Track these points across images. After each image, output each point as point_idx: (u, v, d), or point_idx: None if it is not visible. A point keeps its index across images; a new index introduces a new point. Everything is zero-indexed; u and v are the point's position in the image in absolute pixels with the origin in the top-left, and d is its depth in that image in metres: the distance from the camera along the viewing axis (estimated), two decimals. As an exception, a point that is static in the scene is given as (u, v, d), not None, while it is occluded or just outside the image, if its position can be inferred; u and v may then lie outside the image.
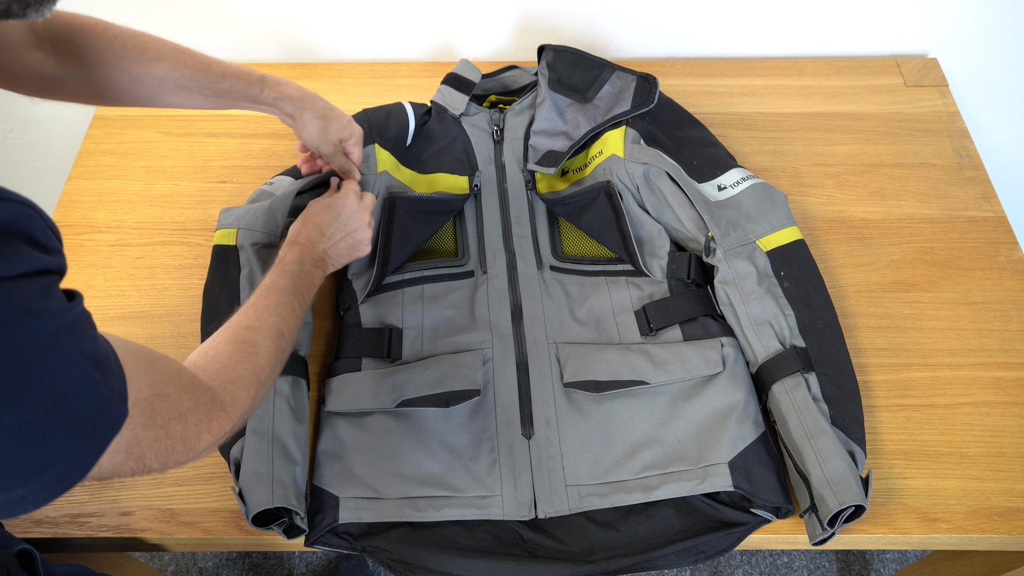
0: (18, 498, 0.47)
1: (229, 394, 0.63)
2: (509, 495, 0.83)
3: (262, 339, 0.70)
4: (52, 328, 0.46)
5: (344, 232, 0.87)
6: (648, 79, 1.05)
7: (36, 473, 0.46)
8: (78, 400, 0.47)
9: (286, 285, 0.78)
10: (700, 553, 0.82)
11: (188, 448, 0.57)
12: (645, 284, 0.97)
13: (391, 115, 1.07)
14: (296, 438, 0.84)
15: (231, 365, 0.65)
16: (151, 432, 0.54)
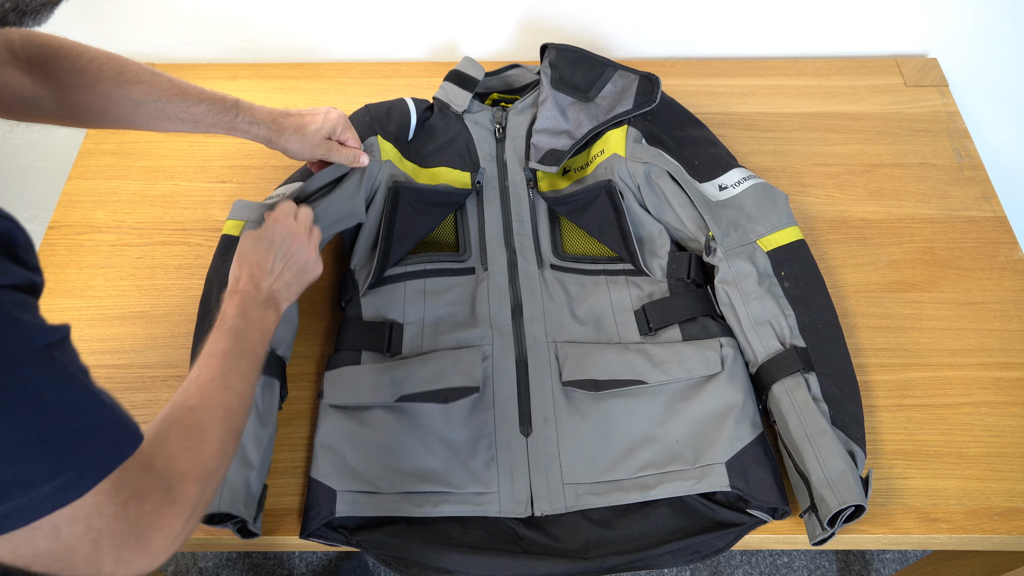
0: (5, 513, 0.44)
1: (180, 488, 0.55)
2: (506, 492, 0.83)
3: (209, 421, 0.62)
4: (42, 342, 0.45)
5: (285, 260, 0.81)
6: (650, 78, 1.05)
7: (24, 489, 0.44)
8: (78, 418, 0.46)
9: (229, 347, 0.70)
10: (696, 553, 0.82)
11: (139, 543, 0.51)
12: (645, 284, 0.97)
13: (393, 110, 1.07)
14: (257, 441, 0.81)
15: (177, 455, 0.58)
16: (112, 507, 0.49)
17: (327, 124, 0.92)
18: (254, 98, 1.26)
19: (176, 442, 0.59)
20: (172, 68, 1.27)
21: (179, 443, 0.59)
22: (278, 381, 0.87)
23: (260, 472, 0.81)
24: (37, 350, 0.45)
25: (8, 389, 0.43)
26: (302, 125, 0.90)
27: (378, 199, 1.00)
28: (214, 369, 0.67)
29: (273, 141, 0.89)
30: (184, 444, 0.59)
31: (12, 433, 0.43)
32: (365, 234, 0.99)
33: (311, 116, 0.91)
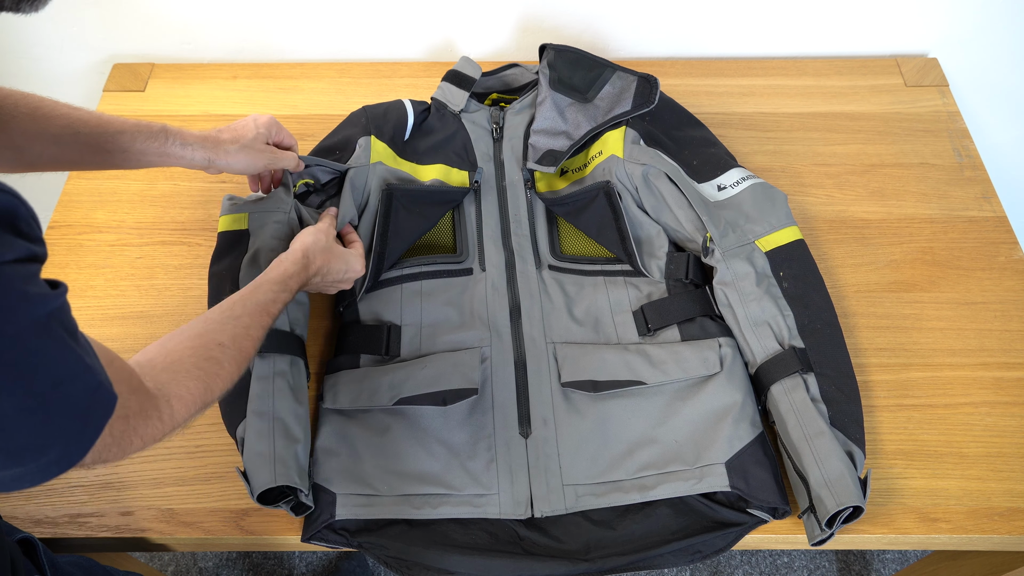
0: (15, 476, 0.48)
1: (170, 406, 0.61)
2: (506, 494, 0.83)
3: (228, 362, 0.69)
4: (44, 313, 0.47)
5: (337, 278, 0.89)
6: (649, 79, 1.05)
7: (34, 455, 0.48)
8: (73, 384, 0.48)
9: (265, 304, 0.76)
10: (696, 553, 0.82)
11: (121, 449, 0.57)
12: (643, 284, 0.97)
13: (389, 111, 1.07)
14: (296, 417, 0.84)
15: (185, 379, 0.64)
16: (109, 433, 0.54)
17: (262, 128, 0.91)
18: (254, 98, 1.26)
19: (190, 369, 0.65)
20: (172, 68, 1.28)
21: (192, 370, 0.65)
22: (302, 359, 0.89)
23: (305, 445, 0.83)
24: (42, 322, 0.47)
25: (18, 362, 0.45)
26: (239, 136, 0.89)
27: (372, 203, 1.01)
28: (251, 318, 0.73)
29: (213, 161, 0.87)
30: (198, 372, 0.65)
31: (23, 402, 0.46)
32: (361, 237, 0.99)
33: (243, 126, 0.90)
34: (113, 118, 0.82)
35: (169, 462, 0.89)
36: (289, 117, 1.20)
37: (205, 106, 1.22)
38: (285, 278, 0.80)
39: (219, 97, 1.25)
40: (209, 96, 1.25)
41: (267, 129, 0.92)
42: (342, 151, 1.04)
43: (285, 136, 0.95)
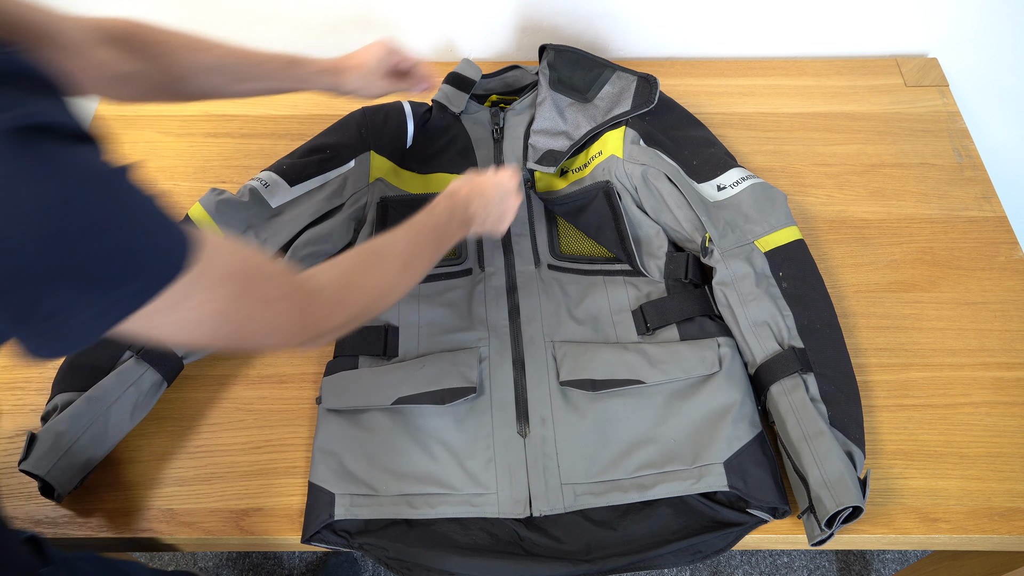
0: (100, 311, 0.49)
1: (337, 293, 0.67)
2: (504, 493, 0.83)
3: (388, 258, 0.75)
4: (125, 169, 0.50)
5: (498, 208, 0.90)
6: (648, 80, 1.05)
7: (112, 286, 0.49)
8: (148, 237, 0.51)
9: (429, 226, 0.81)
10: (697, 553, 0.82)
11: (287, 333, 0.63)
12: (643, 284, 0.97)
13: (389, 116, 1.07)
14: (115, 432, 0.85)
15: (349, 273, 0.70)
16: (242, 308, 0.58)
17: (377, 57, 0.96)
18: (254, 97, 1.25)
19: (353, 265, 0.71)
20: (172, 68, 1.27)
21: (355, 266, 0.72)
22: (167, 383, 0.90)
23: (92, 461, 0.83)
24: (123, 172, 0.50)
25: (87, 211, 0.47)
26: (360, 64, 0.95)
27: (370, 215, 1.01)
28: (411, 233, 0.79)
29: (339, 86, 0.94)
30: (360, 266, 0.72)
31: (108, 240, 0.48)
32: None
33: (363, 53, 0.96)
34: (252, 50, 0.89)
35: (169, 462, 0.89)
36: (289, 117, 1.20)
37: (205, 105, 1.22)
38: (431, 207, 0.84)
39: (219, 97, 1.25)
40: (209, 96, 1.25)
41: (385, 58, 0.96)
42: (334, 154, 1.03)
43: (402, 60, 0.99)
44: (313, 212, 0.98)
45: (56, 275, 0.46)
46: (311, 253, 0.97)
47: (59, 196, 0.45)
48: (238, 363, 0.96)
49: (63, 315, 0.48)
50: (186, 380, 0.94)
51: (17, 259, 0.45)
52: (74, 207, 0.46)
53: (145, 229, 0.50)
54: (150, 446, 0.90)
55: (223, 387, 0.94)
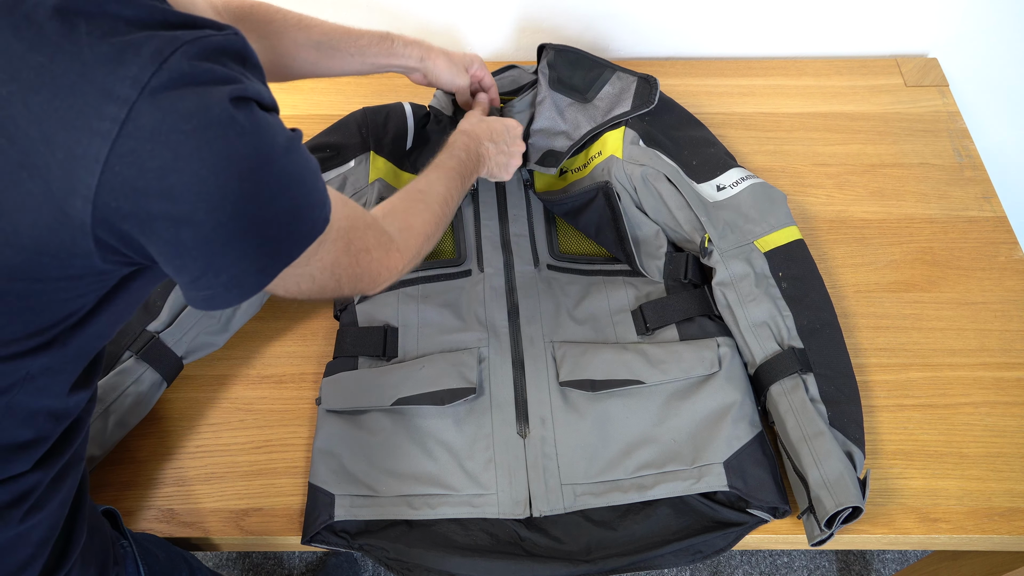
0: (261, 267, 0.54)
1: (403, 239, 0.73)
2: (504, 493, 0.83)
3: (432, 200, 0.80)
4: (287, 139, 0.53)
5: (506, 147, 0.95)
6: (648, 80, 1.05)
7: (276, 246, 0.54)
8: (314, 195, 0.55)
9: (454, 165, 0.86)
10: (697, 553, 0.82)
11: (372, 279, 0.68)
12: (642, 284, 0.97)
13: (390, 118, 1.07)
14: (116, 430, 0.85)
15: (404, 216, 0.76)
16: (347, 258, 0.63)
17: (467, 56, 1.03)
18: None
19: (405, 208, 0.77)
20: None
21: (408, 209, 0.77)
22: (167, 383, 0.90)
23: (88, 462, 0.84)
24: (299, 137, 0.55)
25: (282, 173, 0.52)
26: (451, 52, 1.01)
27: None
28: (440, 173, 0.84)
29: (424, 59, 0.98)
30: (412, 209, 0.78)
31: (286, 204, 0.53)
32: None
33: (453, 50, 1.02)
34: (349, 27, 0.94)
35: (169, 462, 0.89)
36: (289, 117, 1.20)
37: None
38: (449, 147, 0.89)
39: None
40: (209, 96, 1.25)
41: (472, 59, 1.03)
42: (334, 153, 1.04)
43: (485, 75, 1.05)
44: None
45: (247, 229, 0.50)
46: None
47: (263, 159, 0.50)
48: (238, 363, 0.96)
49: (233, 270, 0.52)
50: (186, 380, 0.94)
51: (223, 212, 0.48)
52: (272, 170, 0.50)
53: (308, 189, 0.54)
54: (150, 446, 0.90)
55: (223, 387, 0.94)
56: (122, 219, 0.47)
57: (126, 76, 0.45)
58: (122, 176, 0.46)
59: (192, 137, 0.46)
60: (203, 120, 0.46)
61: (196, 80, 0.47)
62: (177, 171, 0.46)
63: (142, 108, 0.45)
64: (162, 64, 0.45)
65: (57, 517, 0.62)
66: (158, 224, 0.48)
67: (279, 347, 0.98)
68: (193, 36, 0.48)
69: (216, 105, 0.47)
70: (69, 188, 0.46)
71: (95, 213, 0.46)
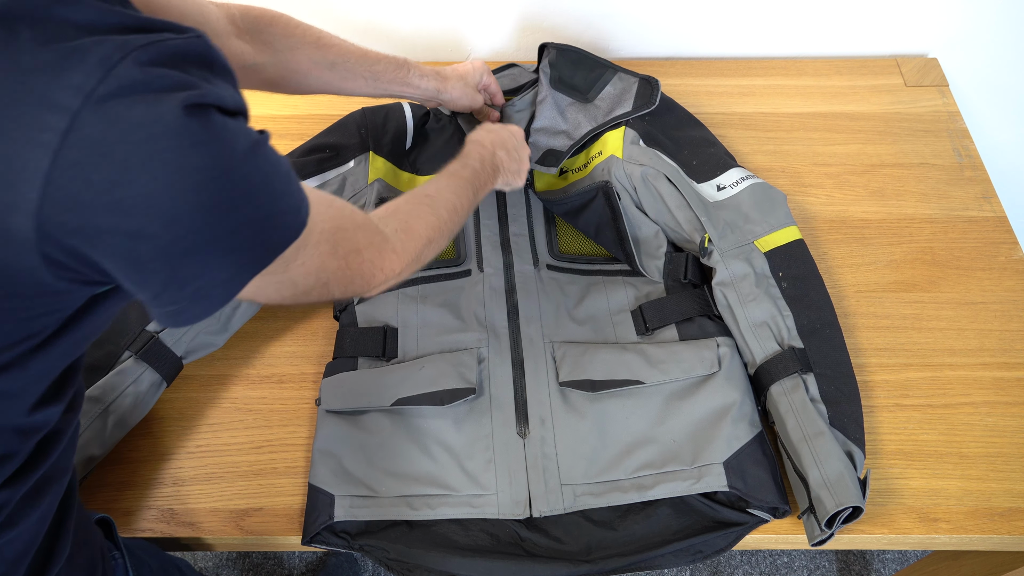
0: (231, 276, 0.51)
1: (400, 240, 0.70)
2: (504, 493, 0.83)
3: (439, 205, 0.78)
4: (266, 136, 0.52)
5: (516, 156, 0.94)
6: (650, 81, 1.05)
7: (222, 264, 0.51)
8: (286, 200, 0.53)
9: (467, 176, 0.85)
10: (698, 553, 0.82)
11: (365, 281, 0.66)
12: (642, 284, 0.97)
13: (389, 118, 1.07)
14: (116, 430, 0.85)
15: (406, 219, 0.74)
16: (334, 261, 0.61)
17: (476, 72, 1.03)
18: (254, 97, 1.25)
19: (409, 211, 0.75)
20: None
21: (411, 212, 0.75)
22: (167, 383, 0.90)
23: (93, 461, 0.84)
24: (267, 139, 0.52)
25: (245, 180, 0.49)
26: (463, 74, 1.02)
27: None
28: (452, 182, 0.83)
29: (440, 91, 0.99)
30: (416, 212, 0.75)
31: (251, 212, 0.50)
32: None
33: (463, 67, 1.03)
34: (368, 51, 0.94)
35: (169, 462, 0.89)
36: (289, 117, 1.20)
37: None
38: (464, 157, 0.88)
39: (219, 97, 1.25)
40: (209, 96, 1.25)
41: (481, 73, 1.04)
42: (334, 154, 1.03)
43: (492, 83, 1.06)
44: None
45: (209, 242, 0.48)
46: None
47: (222, 167, 0.47)
48: (238, 363, 0.96)
49: (197, 283, 0.50)
50: (186, 380, 0.94)
51: (180, 226, 0.46)
52: (233, 178, 0.48)
53: (276, 194, 0.52)
54: (150, 446, 0.90)
55: (223, 387, 0.94)
56: (69, 234, 0.45)
57: (68, 84, 0.43)
58: (66, 190, 0.43)
59: (141, 148, 0.44)
60: (153, 130, 0.44)
61: (147, 87, 0.44)
62: (126, 184, 0.44)
63: (86, 118, 0.43)
64: (110, 71, 0.43)
65: (34, 533, 0.60)
66: (110, 239, 0.45)
67: (279, 347, 0.98)
68: (147, 40, 0.45)
69: (168, 114, 0.44)
70: (10, 203, 0.43)
71: (39, 229, 0.44)
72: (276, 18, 0.87)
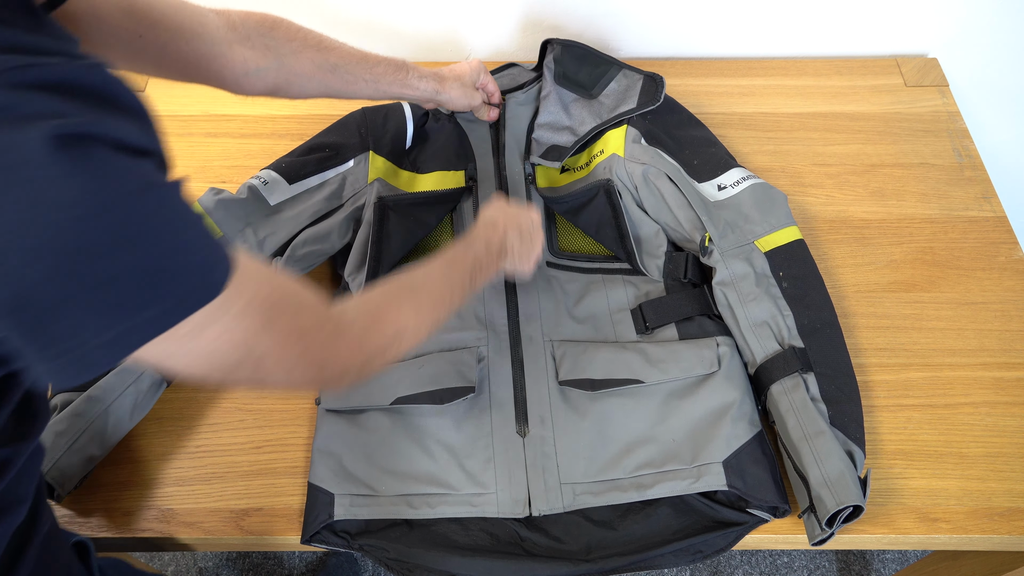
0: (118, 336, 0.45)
1: (360, 331, 0.63)
2: (504, 492, 0.83)
3: (422, 295, 0.71)
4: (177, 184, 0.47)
5: (529, 241, 0.88)
6: (655, 78, 1.06)
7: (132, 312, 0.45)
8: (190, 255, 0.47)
9: (467, 261, 0.79)
10: (698, 553, 0.82)
11: (317, 370, 0.58)
12: (642, 283, 0.97)
13: (389, 117, 1.07)
14: (115, 430, 0.85)
15: (377, 308, 0.66)
16: (268, 340, 0.53)
17: (473, 72, 1.04)
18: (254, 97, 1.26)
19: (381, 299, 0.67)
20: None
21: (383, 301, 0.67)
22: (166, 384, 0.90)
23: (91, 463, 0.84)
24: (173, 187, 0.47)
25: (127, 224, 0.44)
26: (459, 76, 1.02)
27: (367, 215, 1.00)
28: (449, 271, 0.76)
29: (438, 92, 0.99)
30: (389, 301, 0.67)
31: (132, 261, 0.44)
32: (357, 247, 0.98)
33: (460, 67, 1.03)
34: (368, 53, 0.94)
35: (169, 462, 0.89)
36: (289, 117, 1.20)
37: (206, 106, 1.22)
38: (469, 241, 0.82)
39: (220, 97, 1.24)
40: (210, 96, 1.24)
41: (478, 72, 1.04)
42: (333, 153, 1.03)
43: (489, 81, 1.07)
44: (312, 213, 0.98)
45: (77, 293, 0.42)
46: (309, 252, 0.96)
47: (96, 206, 0.42)
48: (238, 363, 0.96)
49: (77, 339, 0.44)
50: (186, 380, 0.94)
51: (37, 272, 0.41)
52: (110, 219, 0.42)
53: (180, 246, 0.46)
54: (150, 446, 0.90)
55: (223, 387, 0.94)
56: None
57: None
58: None
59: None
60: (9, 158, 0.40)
61: (11, 112, 0.40)
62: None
63: None
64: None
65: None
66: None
67: (279, 347, 0.98)
68: (25, 62, 0.42)
69: (31, 142, 0.40)
70: None
71: None
72: (278, 23, 0.87)
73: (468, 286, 0.77)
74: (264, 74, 0.86)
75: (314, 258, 0.97)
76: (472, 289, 0.78)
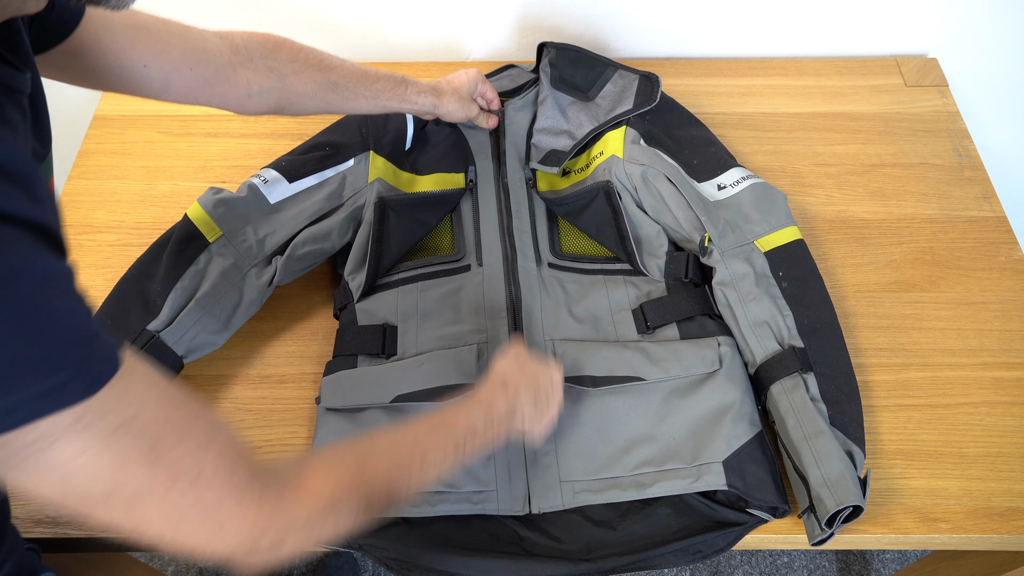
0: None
1: (283, 489, 0.51)
2: (504, 490, 0.83)
3: (383, 461, 0.60)
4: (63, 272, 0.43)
5: (544, 403, 0.78)
6: (650, 78, 1.05)
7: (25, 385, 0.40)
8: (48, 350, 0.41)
9: (458, 431, 0.68)
10: (697, 553, 0.82)
11: (208, 528, 0.48)
12: (643, 283, 0.97)
13: (390, 118, 1.07)
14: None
15: (311, 468, 0.55)
16: (147, 475, 0.45)
17: (471, 83, 1.04)
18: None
19: (329, 458, 0.57)
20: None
21: (330, 462, 0.57)
22: None
23: None
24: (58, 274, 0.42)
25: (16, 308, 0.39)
26: (456, 88, 1.02)
27: (367, 215, 1.00)
28: (435, 436, 0.66)
29: (437, 106, 1.01)
30: (336, 463, 0.57)
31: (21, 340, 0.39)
32: (357, 247, 0.98)
33: (457, 78, 1.03)
34: (368, 69, 0.95)
35: (169, 462, 0.89)
36: (288, 117, 1.20)
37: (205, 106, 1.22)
38: (476, 399, 0.73)
39: (219, 97, 1.25)
40: (209, 96, 1.25)
41: (475, 83, 1.04)
42: (334, 152, 1.04)
43: (487, 90, 1.07)
44: (312, 213, 0.98)
45: None
46: (309, 251, 0.96)
47: None
48: (238, 363, 0.96)
49: None
50: (186, 380, 0.94)
51: None
52: None
53: (35, 334, 0.39)
54: (150, 446, 0.90)
55: (223, 387, 0.94)
56: None
57: None
58: None
59: None
60: None
61: None
62: None
63: None
64: None
65: None
66: None
67: (279, 347, 0.98)
68: None
69: None
70: None
71: None
72: (280, 44, 0.88)
73: (452, 456, 0.66)
74: (267, 95, 0.87)
75: (314, 257, 0.98)
76: (459, 459, 0.67)
